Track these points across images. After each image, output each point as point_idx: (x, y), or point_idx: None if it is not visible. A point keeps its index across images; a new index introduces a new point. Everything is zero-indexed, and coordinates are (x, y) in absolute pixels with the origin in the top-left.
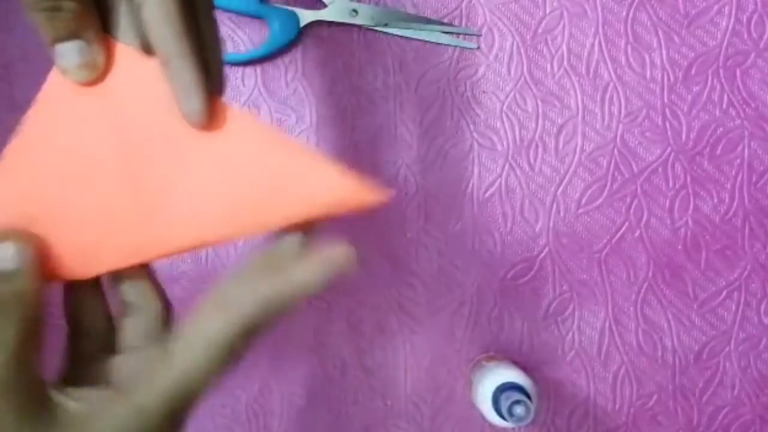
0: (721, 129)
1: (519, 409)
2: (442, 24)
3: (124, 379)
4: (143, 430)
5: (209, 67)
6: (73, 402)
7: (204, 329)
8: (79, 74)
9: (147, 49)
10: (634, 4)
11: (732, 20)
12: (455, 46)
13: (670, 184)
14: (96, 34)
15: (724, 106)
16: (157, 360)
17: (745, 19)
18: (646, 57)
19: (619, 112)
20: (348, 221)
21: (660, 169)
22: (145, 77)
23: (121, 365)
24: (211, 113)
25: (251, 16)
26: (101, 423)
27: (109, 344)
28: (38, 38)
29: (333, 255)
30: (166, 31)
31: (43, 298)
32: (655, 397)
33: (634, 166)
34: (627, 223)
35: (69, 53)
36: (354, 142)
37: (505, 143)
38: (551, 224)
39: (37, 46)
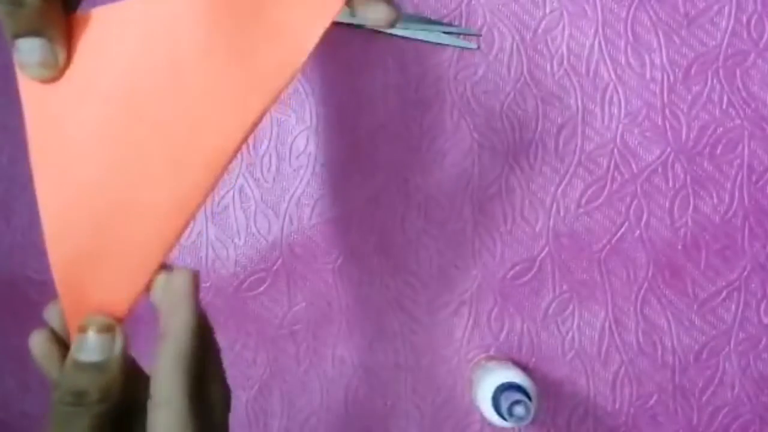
0: (721, 129)
1: (519, 409)
2: (442, 24)
3: None
4: None
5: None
6: None
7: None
8: (38, 72)
9: None
10: (634, 4)
11: (732, 20)
12: (455, 46)
13: (670, 184)
14: (59, 32)
15: (724, 106)
16: None
17: (745, 19)
18: (646, 57)
19: (619, 112)
20: (348, 221)
21: (660, 169)
22: (116, 36)
23: None
24: None
25: None
26: None
27: None
28: None
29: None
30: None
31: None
32: (655, 397)
33: (634, 166)
34: (627, 223)
35: (29, 50)
36: (354, 142)
37: (505, 143)
38: (551, 224)
39: None
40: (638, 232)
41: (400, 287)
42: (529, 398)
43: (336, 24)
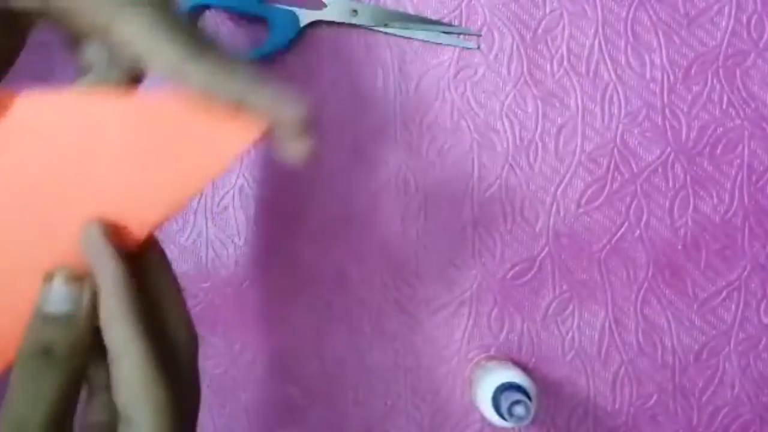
0: (721, 129)
1: (519, 409)
2: (442, 24)
3: None
4: None
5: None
6: None
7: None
8: None
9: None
10: (634, 4)
11: (732, 20)
12: (455, 46)
13: (670, 184)
14: None
15: (724, 106)
16: None
17: (745, 19)
18: (646, 57)
19: (619, 112)
20: (348, 221)
21: (660, 169)
22: (44, 115)
23: None
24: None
25: (251, 16)
26: None
27: None
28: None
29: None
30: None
31: (97, 340)
32: (655, 397)
33: (634, 166)
34: (627, 223)
35: None
36: (354, 142)
37: (505, 143)
38: (551, 224)
39: (35, 48)
40: (638, 232)
41: (400, 287)
42: (529, 398)
43: (336, 24)
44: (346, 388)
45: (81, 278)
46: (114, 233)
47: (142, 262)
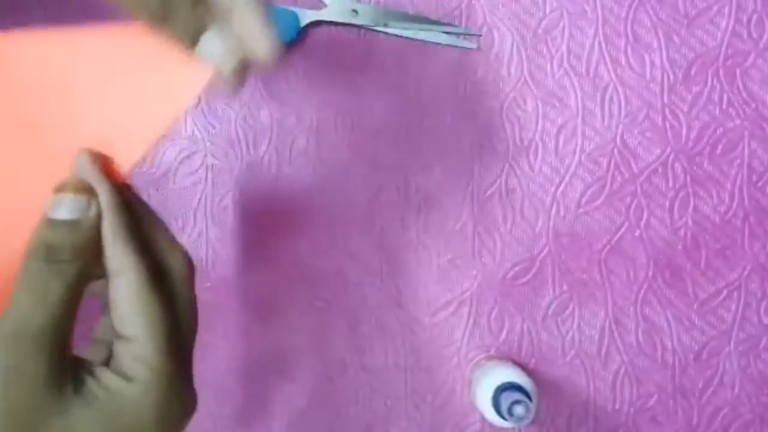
0: (721, 129)
1: (519, 409)
2: (442, 24)
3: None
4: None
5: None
6: (96, 385)
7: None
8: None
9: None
10: (634, 4)
11: (732, 20)
12: (455, 46)
13: (670, 184)
14: None
15: (724, 106)
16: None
17: (745, 19)
18: (646, 57)
19: (619, 112)
20: (348, 221)
21: (660, 169)
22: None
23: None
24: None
25: None
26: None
27: None
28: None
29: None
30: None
31: (98, 254)
32: (655, 397)
33: (634, 166)
34: (627, 223)
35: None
36: (354, 142)
37: (505, 143)
38: (551, 224)
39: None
40: (638, 232)
41: (400, 287)
42: (529, 398)
43: (336, 24)
44: (346, 388)
45: (90, 191)
46: (102, 163)
47: (129, 196)
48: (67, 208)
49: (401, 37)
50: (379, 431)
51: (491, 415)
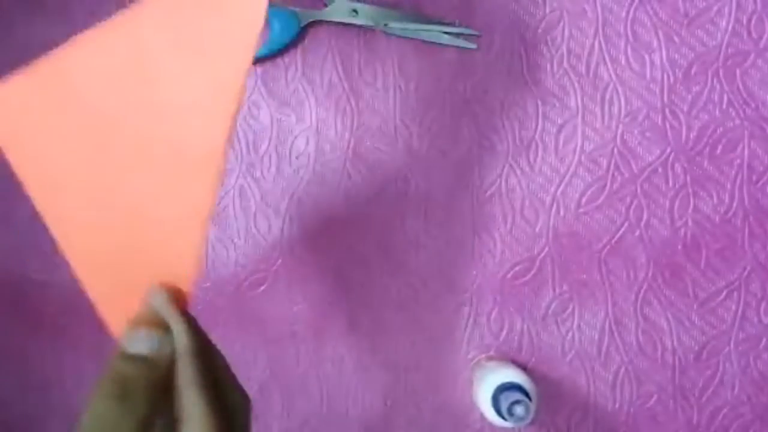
0: (721, 129)
1: (519, 409)
2: (442, 24)
3: None
4: None
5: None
6: None
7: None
8: None
9: None
10: (634, 4)
11: (732, 20)
12: (455, 46)
13: (670, 184)
14: None
15: (724, 106)
16: None
17: (745, 19)
18: (646, 57)
19: (619, 112)
20: (348, 222)
21: (660, 169)
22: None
23: None
24: None
25: None
26: None
27: None
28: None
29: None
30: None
31: (169, 389)
32: (655, 397)
33: (634, 166)
34: (627, 223)
35: None
36: (354, 142)
37: (505, 143)
38: (551, 224)
39: (38, 46)
40: (638, 232)
41: (400, 287)
42: (529, 398)
43: (336, 24)
44: (346, 388)
45: (163, 328)
46: (175, 298)
47: (199, 333)
48: (142, 343)
49: (401, 37)
50: (379, 431)
51: (491, 415)
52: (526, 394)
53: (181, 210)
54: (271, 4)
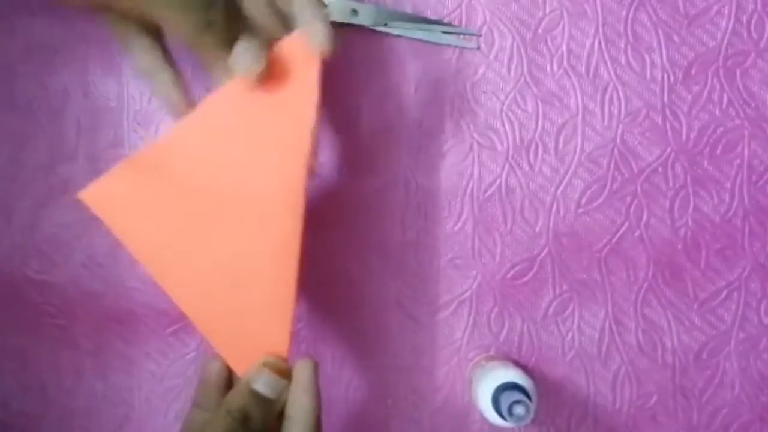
0: (721, 129)
1: (519, 409)
2: (442, 24)
3: None
4: None
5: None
6: None
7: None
8: (257, 66)
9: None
10: (634, 4)
11: (732, 20)
12: (455, 46)
13: (670, 184)
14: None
15: (724, 106)
16: None
17: (745, 19)
18: (646, 57)
19: (619, 112)
20: (348, 221)
21: (660, 169)
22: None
23: None
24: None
25: None
26: None
27: None
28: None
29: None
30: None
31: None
32: (655, 397)
33: (634, 166)
34: (627, 223)
35: (245, 51)
36: (354, 142)
37: (505, 143)
38: (551, 224)
39: (38, 48)
40: (638, 232)
41: (400, 287)
42: (529, 398)
43: (336, 24)
44: (346, 388)
45: (286, 375)
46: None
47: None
48: (266, 385)
49: (401, 37)
50: (379, 431)
51: (491, 415)
52: (526, 394)
53: (273, 259)
54: None
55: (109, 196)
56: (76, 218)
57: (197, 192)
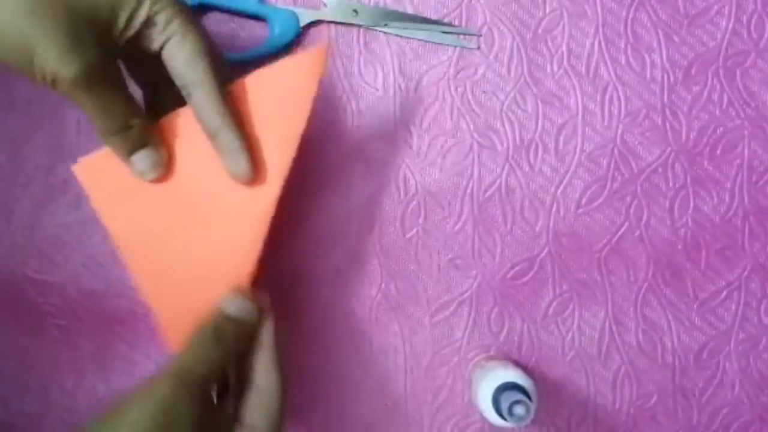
0: (721, 129)
1: (519, 409)
2: (442, 24)
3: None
4: None
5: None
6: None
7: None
8: (154, 173)
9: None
10: (634, 4)
11: (732, 20)
12: (455, 46)
13: (670, 184)
14: (158, 138)
15: (724, 106)
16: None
17: (745, 19)
18: (646, 57)
19: (619, 112)
20: (348, 221)
21: (660, 169)
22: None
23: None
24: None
25: (251, 16)
26: None
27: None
28: None
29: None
30: (212, 112)
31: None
32: (655, 397)
33: (634, 166)
34: (627, 223)
35: (142, 159)
36: (354, 143)
37: (505, 143)
38: (551, 224)
39: None
40: (638, 232)
41: (400, 287)
42: (529, 398)
43: (336, 24)
44: (346, 388)
45: (257, 302)
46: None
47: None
48: (237, 308)
49: (401, 36)
50: (379, 431)
51: (491, 415)
52: (526, 394)
53: (236, 244)
54: (271, 5)
55: (98, 171)
56: (76, 218)
57: (179, 180)
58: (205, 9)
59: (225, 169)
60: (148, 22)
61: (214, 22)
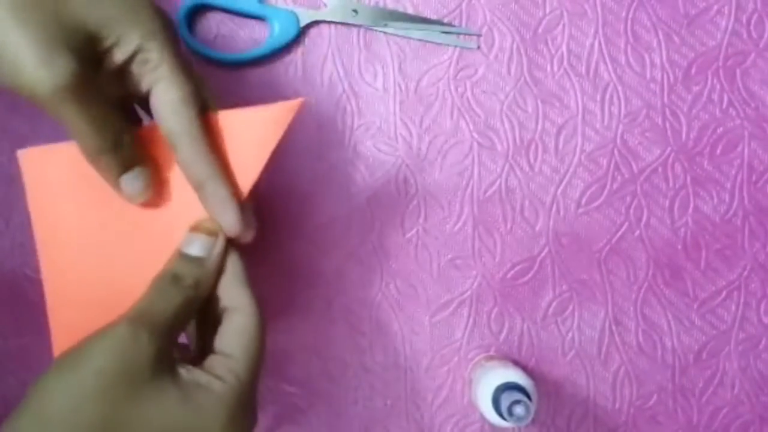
0: (721, 129)
1: (519, 409)
2: (442, 24)
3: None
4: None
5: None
6: (188, 376)
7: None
8: (145, 195)
9: None
10: (634, 4)
11: (732, 20)
12: (455, 46)
13: (670, 184)
14: (147, 156)
15: (724, 106)
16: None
17: (745, 19)
18: (646, 57)
19: (619, 112)
20: (348, 221)
21: (660, 169)
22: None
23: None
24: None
25: (251, 16)
26: (209, 395)
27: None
28: None
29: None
30: (200, 163)
31: (213, 289)
32: (655, 397)
33: (634, 166)
34: (627, 223)
35: (132, 180)
36: (354, 143)
37: (505, 143)
38: (551, 224)
39: None
40: (638, 232)
41: (400, 287)
42: (529, 398)
43: (336, 24)
44: (346, 388)
45: (217, 234)
46: None
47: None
48: (197, 247)
49: (401, 36)
50: (379, 431)
51: (491, 415)
52: (526, 394)
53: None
54: (271, 4)
55: (44, 165)
56: None
57: (117, 199)
58: (205, 9)
59: (214, 220)
60: (140, 58)
61: (214, 22)
